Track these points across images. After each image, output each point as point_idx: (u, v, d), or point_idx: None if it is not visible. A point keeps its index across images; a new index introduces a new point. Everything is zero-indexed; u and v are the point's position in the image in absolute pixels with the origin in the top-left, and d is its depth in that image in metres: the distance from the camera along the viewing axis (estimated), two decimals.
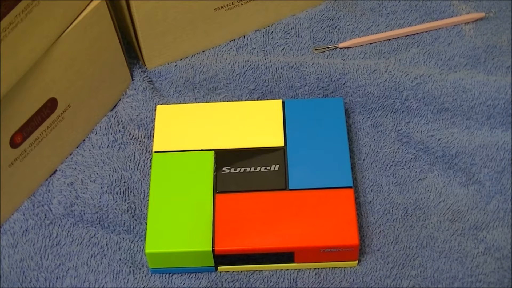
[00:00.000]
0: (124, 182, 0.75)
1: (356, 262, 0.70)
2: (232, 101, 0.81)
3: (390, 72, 0.80)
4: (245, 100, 0.81)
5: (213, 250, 0.68)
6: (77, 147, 0.78)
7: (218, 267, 0.70)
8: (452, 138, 0.77)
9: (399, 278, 0.70)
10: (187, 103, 0.81)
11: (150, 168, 0.75)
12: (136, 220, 0.73)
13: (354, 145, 0.78)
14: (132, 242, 0.73)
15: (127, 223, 0.73)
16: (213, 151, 0.74)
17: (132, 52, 0.84)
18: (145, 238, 0.70)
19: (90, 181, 0.75)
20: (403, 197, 0.74)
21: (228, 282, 0.70)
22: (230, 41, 0.85)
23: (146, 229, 0.70)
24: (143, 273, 0.71)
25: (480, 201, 0.74)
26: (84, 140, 0.78)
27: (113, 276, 0.71)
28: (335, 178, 0.71)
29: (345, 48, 0.84)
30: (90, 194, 0.74)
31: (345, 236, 0.68)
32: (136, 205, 0.74)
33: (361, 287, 0.70)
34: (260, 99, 0.82)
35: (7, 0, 0.61)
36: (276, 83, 0.81)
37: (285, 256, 0.69)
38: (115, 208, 0.73)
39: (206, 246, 0.68)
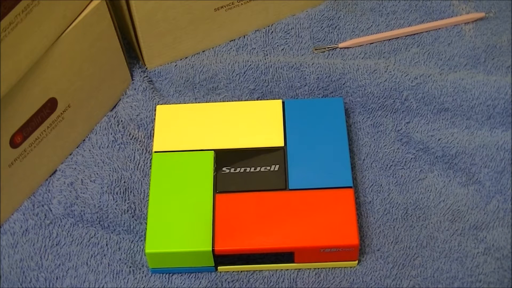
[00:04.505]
0: (124, 182, 0.75)
1: (356, 262, 0.70)
2: (232, 101, 0.81)
3: (390, 72, 0.80)
4: (245, 100, 0.81)
5: (213, 250, 0.68)
6: (77, 147, 0.78)
7: (218, 267, 0.71)
8: (452, 138, 0.77)
9: (399, 278, 0.70)
10: (187, 103, 0.81)
11: (150, 168, 0.75)
12: (136, 220, 0.73)
13: (354, 145, 0.78)
14: (132, 242, 0.73)
15: (127, 223, 0.73)
16: (213, 151, 0.74)
17: (132, 52, 0.84)
18: (145, 238, 0.70)
19: (90, 181, 0.75)
20: (403, 197, 0.74)
21: (228, 282, 0.70)
22: (230, 41, 0.85)
23: (146, 229, 0.70)
24: (143, 273, 0.71)
25: (480, 201, 0.74)
26: (84, 140, 0.78)
27: (113, 276, 0.71)
28: (335, 178, 0.71)
29: (345, 48, 0.84)
30: (90, 194, 0.74)
31: (345, 236, 0.68)
32: (136, 205, 0.74)
33: (361, 287, 0.70)
34: (260, 99, 0.82)
35: (7, 0, 0.61)
36: (276, 83, 0.81)
37: (285, 256, 0.69)
38: (115, 208, 0.73)
39: (206, 246, 0.68)
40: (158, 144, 0.75)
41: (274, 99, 0.81)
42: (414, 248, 0.71)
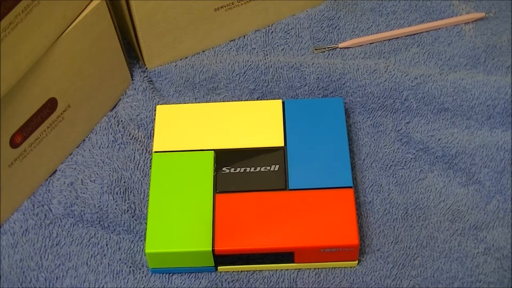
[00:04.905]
0: (124, 182, 0.75)
1: (356, 262, 0.70)
2: (232, 101, 0.81)
3: (390, 72, 0.80)
4: (245, 100, 0.81)
5: (213, 250, 0.68)
6: (77, 147, 0.78)
7: (218, 267, 0.71)
8: (452, 138, 0.77)
9: (399, 278, 0.70)
10: (187, 103, 0.81)
11: (150, 168, 0.75)
12: (136, 220, 0.73)
13: (354, 145, 0.78)
14: (132, 242, 0.73)
15: (127, 223, 0.73)
16: (213, 151, 0.74)
17: (132, 52, 0.84)
18: (145, 238, 0.70)
19: (90, 181, 0.75)
20: (403, 197, 0.74)
21: (228, 282, 0.70)
22: (230, 41, 0.85)
23: (146, 229, 0.70)
24: (143, 273, 0.71)
25: (480, 201, 0.74)
26: (84, 140, 0.78)
27: (113, 276, 0.71)
28: (335, 178, 0.71)
29: (345, 48, 0.84)
30: (90, 194, 0.74)
31: (345, 236, 0.68)
32: (136, 205, 0.74)
33: (361, 287, 0.70)
34: (260, 99, 0.82)
35: (7, 0, 0.61)
36: (276, 83, 0.81)
37: (285, 256, 0.69)
38: (115, 208, 0.73)
39: (206, 246, 0.68)
40: (158, 144, 0.75)
41: (274, 99, 0.81)
42: (414, 248, 0.71)
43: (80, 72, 0.74)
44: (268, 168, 0.72)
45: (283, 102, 0.77)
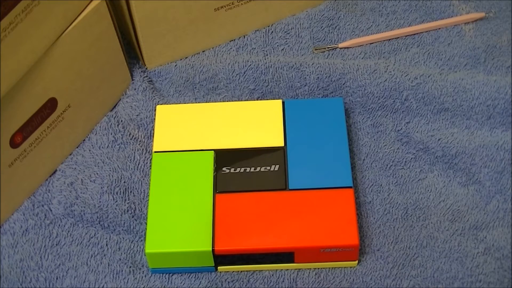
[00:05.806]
0: (124, 182, 0.75)
1: (356, 262, 0.70)
2: (232, 101, 0.81)
3: (390, 72, 0.80)
4: (245, 100, 0.81)
5: (213, 250, 0.68)
6: (77, 147, 0.78)
7: (218, 267, 0.71)
8: (452, 138, 0.77)
9: (399, 278, 0.70)
10: (187, 103, 0.81)
11: (150, 168, 0.75)
12: (136, 220, 0.73)
13: (354, 145, 0.78)
14: (132, 242, 0.73)
15: (127, 223, 0.73)
16: (213, 151, 0.74)
17: (132, 52, 0.84)
18: (145, 238, 0.70)
19: (90, 181, 0.75)
20: (403, 197, 0.74)
21: (228, 282, 0.70)
22: (230, 41, 0.85)
23: (146, 229, 0.70)
24: (143, 273, 0.71)
25: (480, 201, 0.74)
26: (84, 140, 0.78)
27: (113, 276, 0.71)
28: (335, 178, 0.71)
29: (345, 48, 0.84)
30: (90, 194, 0.74)
31: (345, 236, 0.68)
32: (136, 205, 0.74)
33: (361, 287, 0.70)
34: (260, 99, 0.82)
35: (7, 0, 0.61)
36: (276, 83, 0.81)
37: (285, 256, 0.69)
38: (115, 208, 0.73)
39: (206, 246, 0.68)
40: (158, 144, 0.75)
41: (274, 99, 0.81)
42: (414, 248, 0.71)
43: (80, 72, 0.74)
44: (268, 168, 0.72)
45: (283, 102, 0.77)
